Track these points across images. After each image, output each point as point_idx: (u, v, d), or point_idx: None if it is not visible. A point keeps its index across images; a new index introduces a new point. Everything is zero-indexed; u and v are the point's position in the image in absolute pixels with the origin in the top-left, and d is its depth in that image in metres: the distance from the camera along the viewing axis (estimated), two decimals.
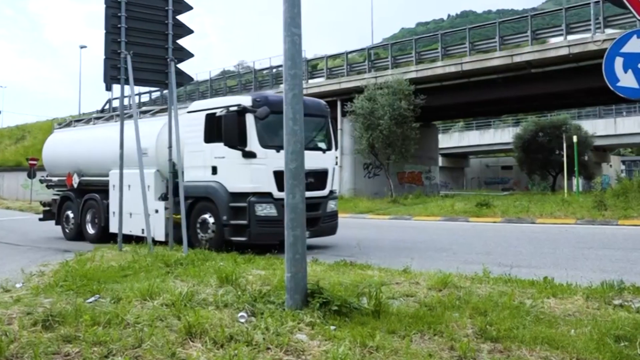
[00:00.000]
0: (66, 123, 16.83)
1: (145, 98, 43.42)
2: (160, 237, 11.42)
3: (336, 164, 12.40)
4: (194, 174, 11.13)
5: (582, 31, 26.03)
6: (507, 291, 5.44)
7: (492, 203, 20.83)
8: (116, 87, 11.11)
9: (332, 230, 11.72)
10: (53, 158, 15.54)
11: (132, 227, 12.01)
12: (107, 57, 10.07)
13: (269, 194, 10.46)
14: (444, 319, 4.42)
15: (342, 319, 4.42)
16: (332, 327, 4.20)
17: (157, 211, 11.66)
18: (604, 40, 22.98)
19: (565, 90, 27.53)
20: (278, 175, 10.19)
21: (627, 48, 5.29)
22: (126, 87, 10.43)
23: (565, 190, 27.73)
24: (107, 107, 19.58)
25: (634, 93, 5.29)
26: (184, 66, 10.69)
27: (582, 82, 25.06)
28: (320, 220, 11.25)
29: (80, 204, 14.10)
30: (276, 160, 10.04)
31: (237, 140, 10.41)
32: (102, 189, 13.32)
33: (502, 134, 54.37)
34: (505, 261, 8.57)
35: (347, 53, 34.19)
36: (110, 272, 7.18)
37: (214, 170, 10.86)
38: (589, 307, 4.79)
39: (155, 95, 43.15)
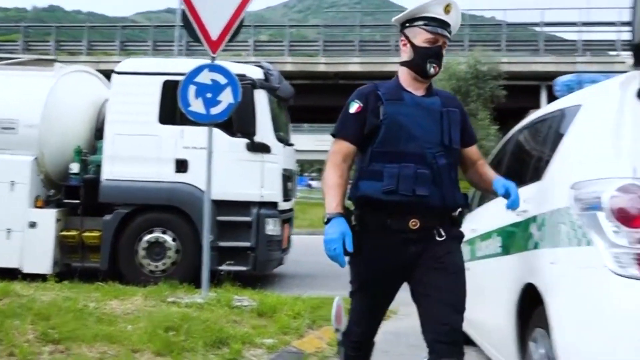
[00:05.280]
0: None
1: None
2: (39, 267, 7.19)
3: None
4: (128, 169, 7.40)
5: (167, 50, 27.89)
6: (72, 296, 5.60)
7: None
8: None
9: None
10: None
11: None
12: None
13: (275, 205, 7.60)
14: (3, 327, 4.31)
15: None
16: None
17: (33, 225, 7.35)
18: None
19: None
20: (284, 179, 7.81)
21: (200, 78, 6.01)
22: None
23: None
24: None
25: (201, 117, 6.08)
26: None
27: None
28: None
29: None
30: (283, 158, 7.81)
31: (252, 126, 7.37)
32: None
33: None
34: None
35: None
36: None
37: (182, 165, 7.41)
38: (146, 306, 5.33)
39: None
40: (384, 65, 27.10)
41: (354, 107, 2.68)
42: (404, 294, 2.79)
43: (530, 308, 2.70)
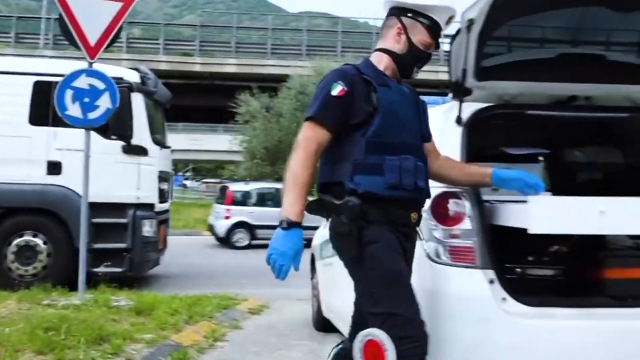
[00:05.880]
0: None
1: None
2: None
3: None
4: None
5: (32, 42, 26.39)
6: None
7: None
8: None
9: None
10: None
11: None
12: None
13: (151, 206, 7.84)
14: None
15: None
16: None
17: None
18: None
19: None
20: (160, 181, 8.12)
21: (77, 83, 5.99)
22: None
23: None
24: None
25: (79, 122, 6.05)
26: None
27: None
28: None
29: None
30: (159, 160, 8.08)
31: (129, 129, 7.57)
32: None
33: None
34: None
35: None
36: None
37: (55, 167, 7.36)
38: (21, 309, 5.32)
39: None
40: (261, 67, 27.65)
41: (336, 89, 2.31)
42: (275, 290, 3.22)
43: None
